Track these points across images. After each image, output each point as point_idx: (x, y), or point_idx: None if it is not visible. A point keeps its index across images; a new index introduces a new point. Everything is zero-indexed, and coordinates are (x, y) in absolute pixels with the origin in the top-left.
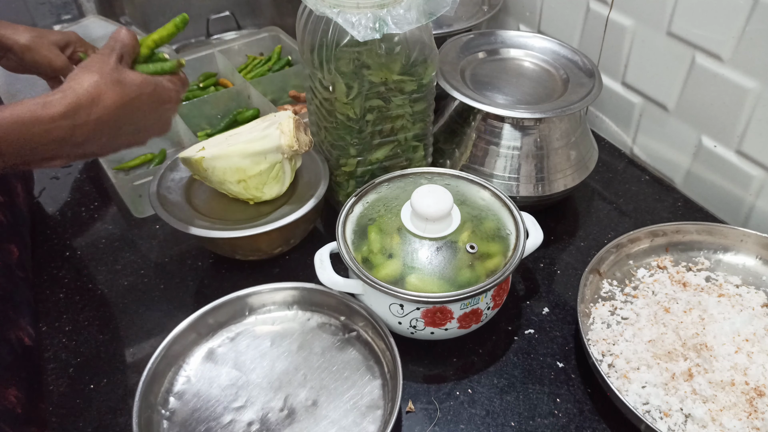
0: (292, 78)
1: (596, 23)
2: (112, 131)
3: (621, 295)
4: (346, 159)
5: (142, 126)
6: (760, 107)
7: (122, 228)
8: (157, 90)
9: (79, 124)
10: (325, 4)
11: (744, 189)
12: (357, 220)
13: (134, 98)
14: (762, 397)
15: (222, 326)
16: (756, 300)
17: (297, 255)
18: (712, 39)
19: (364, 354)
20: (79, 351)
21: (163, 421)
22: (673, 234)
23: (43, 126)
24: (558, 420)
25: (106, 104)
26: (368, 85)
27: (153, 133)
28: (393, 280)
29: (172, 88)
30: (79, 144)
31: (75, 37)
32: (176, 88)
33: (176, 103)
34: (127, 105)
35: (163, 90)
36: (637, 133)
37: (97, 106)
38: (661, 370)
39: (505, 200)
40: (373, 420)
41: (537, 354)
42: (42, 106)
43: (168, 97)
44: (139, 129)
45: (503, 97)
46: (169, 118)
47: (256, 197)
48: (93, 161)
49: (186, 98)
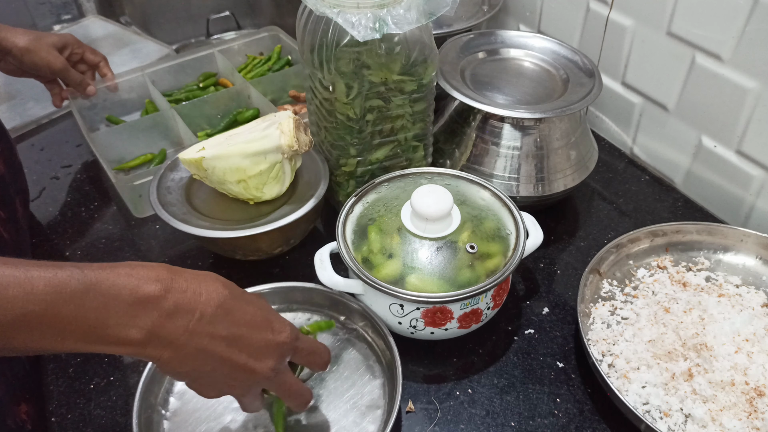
0: (292, 78)
1: (596, 23)
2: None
3: (621, 295)
4: (346, 159)
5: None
6: (760, 107)
7: (122, 228)
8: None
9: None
10: (325, 4)
11: (744, 189)
12: (357, 220)
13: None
14: (762, 397)
15: None
16: (756, 300)
17: (297, 255)
18: (712, 39)
19: (364, 354)
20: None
21: (163, 421)
22: (673, 234)
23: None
24: (558, 420)
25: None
26: (368, 85)
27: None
28: (393, 280)
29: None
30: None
31: (72, 39)
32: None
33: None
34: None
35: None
36: (637, 133)
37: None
38: (661, 370)
39: (505, 200)
40: (372, 420)
41: (537, 354)
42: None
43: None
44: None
45: (503, 97)
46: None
47: (256, 197)
48: (93, 161)
49: (186, 98)
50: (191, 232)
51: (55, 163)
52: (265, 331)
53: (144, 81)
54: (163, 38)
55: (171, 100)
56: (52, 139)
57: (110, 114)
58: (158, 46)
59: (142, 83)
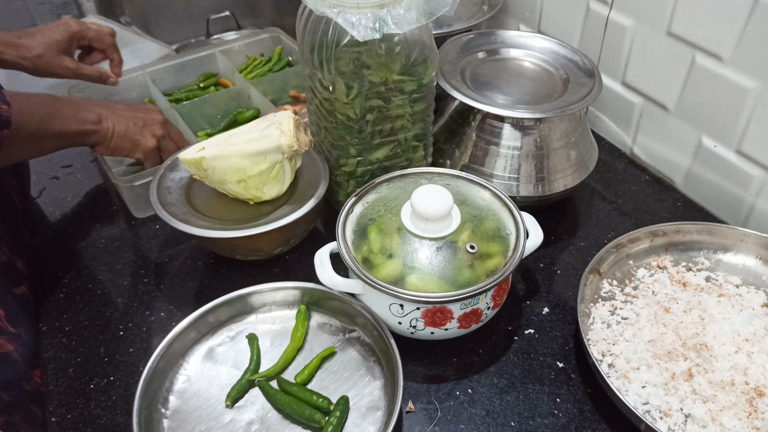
0: (292, 78)
1: (596, 23)
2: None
3: (621, 295)
4: (346, 159)
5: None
6: (760, 107)
7: (122, 228)
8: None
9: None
10: (325, 4)
11: (744, 189)
12: (357, 220)
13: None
14: (762, 397)
15: (222, 325)
16: (756, 300)
17: (297, 255)
18: (712, 39)
19: (364, 354)
20: (79, 351)
21: (163, 420)
22: (673, 234)
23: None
24: (558, 420)
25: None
26: (368, 85)
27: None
28: (393, 280)
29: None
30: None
31: (75, 30)
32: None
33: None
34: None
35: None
36: (637, 133)
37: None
38: (661, 370)
39: (505, 200)
40: (373, 422)
41: (537, 354)
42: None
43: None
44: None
45: (503, 97)
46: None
47: (256, 197)
48: (93, 161)
49: (186, 98)
50: (191, 232)
51: (55, 163)
52: (143, 107)
53: (144, 80)
54: (163, 38)
55: (171, 99)
56: None
57: None
58: (158, 46)
59: (143, 82)
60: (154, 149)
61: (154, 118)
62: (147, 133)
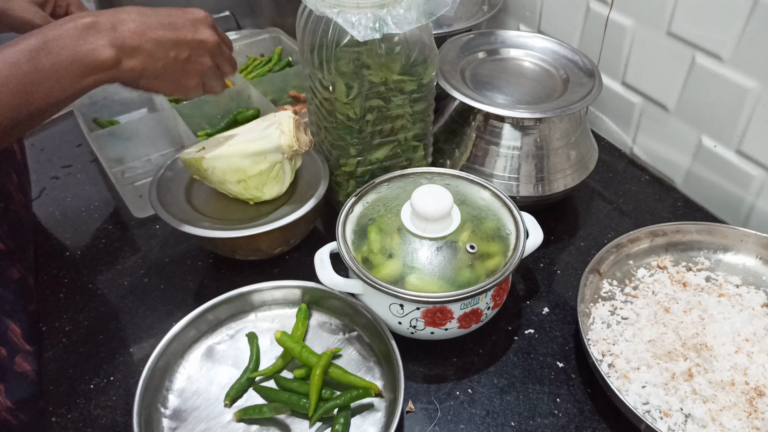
0: (292, 78)
1: (596, 23)
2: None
3: (621, 295)
4: (346, 159)
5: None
6: (760, 107)
7: (122, 228)
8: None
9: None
10: (325, 4)
11: (744, 189)
12: (357, 220)
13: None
14: (762, 397)
15: (222, 323)
16: (756, 300)
17: (297, 255)
18: (712, 39)
19: (364, 354)
20: (79, 351)
21: (163, 419)
22: (673, 234)
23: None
24: (558, 420)
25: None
26: (368, 85)
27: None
28: (393, 280)
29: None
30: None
31: None
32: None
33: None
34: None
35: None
36: (637, 133)
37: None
38: (661, 370)
39: (505, 200)
40: (373, 422)
41: (537, 354)
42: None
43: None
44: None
45: (503, 97)
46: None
47: (256, 197)
48: (93, 161)
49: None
50: (191, 232)
51: (55, 163)
52: (186, 13)
53: None
54: None
55: (171, 99)
56: (52, 139)
57: (110, 114)
58: None
59: None
60: (198, 89)
61: (201, 42)
62: (191, 69)
